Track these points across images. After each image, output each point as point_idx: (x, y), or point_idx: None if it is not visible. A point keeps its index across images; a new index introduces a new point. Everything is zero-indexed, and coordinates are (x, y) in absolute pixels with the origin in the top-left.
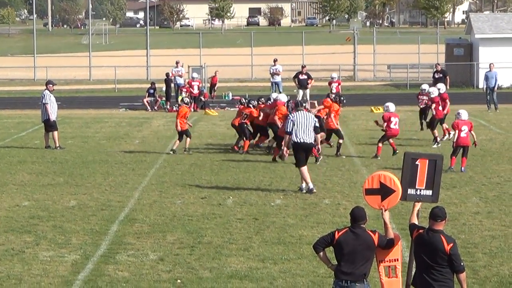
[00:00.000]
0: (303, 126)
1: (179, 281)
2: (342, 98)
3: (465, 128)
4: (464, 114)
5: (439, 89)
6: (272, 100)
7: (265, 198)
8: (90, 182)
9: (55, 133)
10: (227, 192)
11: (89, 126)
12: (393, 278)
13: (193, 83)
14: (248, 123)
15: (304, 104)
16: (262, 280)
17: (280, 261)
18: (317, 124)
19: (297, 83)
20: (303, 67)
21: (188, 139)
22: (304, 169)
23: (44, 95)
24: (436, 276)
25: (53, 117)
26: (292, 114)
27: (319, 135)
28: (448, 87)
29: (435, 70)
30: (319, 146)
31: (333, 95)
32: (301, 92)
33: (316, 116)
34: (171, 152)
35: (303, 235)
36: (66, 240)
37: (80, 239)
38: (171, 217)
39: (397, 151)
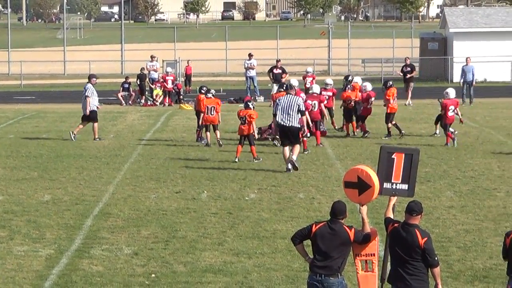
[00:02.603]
0: (286, 109)
1: (153, 275)
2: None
3: (452, 107)
4: (452, 93)
5: (365, 85)
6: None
7: (240, 192)
8: (65, 176)
9: (95, 124)
10: (202, 187)
11: (64, 121)
12: (369, 273)
13: (167, 77)
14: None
15: (294, 88)
16: (237, 274)
17: (255, 255)
18: (302, 108)
19: (271, 77)
20: (277, 61)
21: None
22: (285, 149)
23: (87, 88)
24: (410, 270)
25: (94, 108)
26: (279, 98)
27: (304, 118)
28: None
29: (404, 64)
30: (305, 128)
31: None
32: (275, 86)
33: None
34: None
35: (278, 229)
36: (40, 234)
37: (54, 234)
38: (145, 211)
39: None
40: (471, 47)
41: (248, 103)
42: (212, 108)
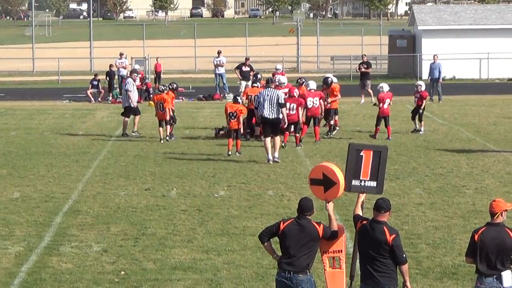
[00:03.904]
0: (267, 102)
1: (123, 272)
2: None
3: (387, 101)
4: (385, 87)
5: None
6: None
7: (209, 189)
8: (34, 173)
9: (137, 117)
10: (171, 184)
11: (33, 118)
12: (337, 270)
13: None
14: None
15: (274, 82)
16: (206, 271)
17: (224, 253)
18: (282, 101)
19: (239, 74)
20: (246, 59)
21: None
22: (266, 140)
23: (128, 83)
24: (379, 267)
25: (135, 103)
26: (261, 92)
27: (284, 109)
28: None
29: (361, 61)
30: (285, 120)
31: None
32: (243, 83)
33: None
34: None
35: (247, 226)
36: (9, 232)
37: (23, 231)
38: (115, 208)
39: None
40: (440, 45)
41: (237, 97)
42: (160, 104)
